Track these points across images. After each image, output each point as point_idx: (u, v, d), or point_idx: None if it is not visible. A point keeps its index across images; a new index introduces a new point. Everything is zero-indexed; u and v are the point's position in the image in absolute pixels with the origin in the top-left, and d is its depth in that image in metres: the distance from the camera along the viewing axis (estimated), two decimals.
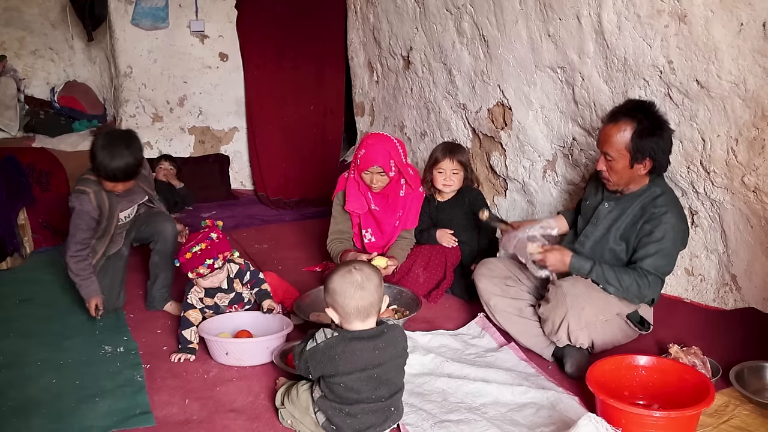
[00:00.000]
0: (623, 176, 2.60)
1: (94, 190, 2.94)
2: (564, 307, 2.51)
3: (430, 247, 3.40)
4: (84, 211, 2.92)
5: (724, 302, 2.96)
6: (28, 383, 2.51)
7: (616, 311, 2.62)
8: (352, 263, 2.13)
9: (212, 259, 2.70)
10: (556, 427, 2.16)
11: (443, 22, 4.19)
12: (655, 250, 2.53)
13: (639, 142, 2.50)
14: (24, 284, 3.57)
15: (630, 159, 2.53)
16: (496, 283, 2.86)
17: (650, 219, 2.56)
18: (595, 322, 2.56)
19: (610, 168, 2.59)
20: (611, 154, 2.55)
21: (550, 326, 2.57)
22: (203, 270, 2.71)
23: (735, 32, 2.48)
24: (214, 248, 2.72)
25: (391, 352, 2.08)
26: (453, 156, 3.40)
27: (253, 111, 5.66)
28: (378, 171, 3.26)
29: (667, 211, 2.55)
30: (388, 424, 2.09)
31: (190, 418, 2.27)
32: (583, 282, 2.58)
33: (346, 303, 2.04)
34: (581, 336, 2.54)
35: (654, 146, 2.52)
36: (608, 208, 2.71)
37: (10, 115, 5.70)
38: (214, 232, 2.77)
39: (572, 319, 2.50)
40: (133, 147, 2.90)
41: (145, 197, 3.19)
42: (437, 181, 3.44)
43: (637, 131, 2.50)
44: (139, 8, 5.28)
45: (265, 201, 5.49)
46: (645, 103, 2.61)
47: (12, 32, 6.05)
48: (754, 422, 2.19)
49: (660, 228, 2.53)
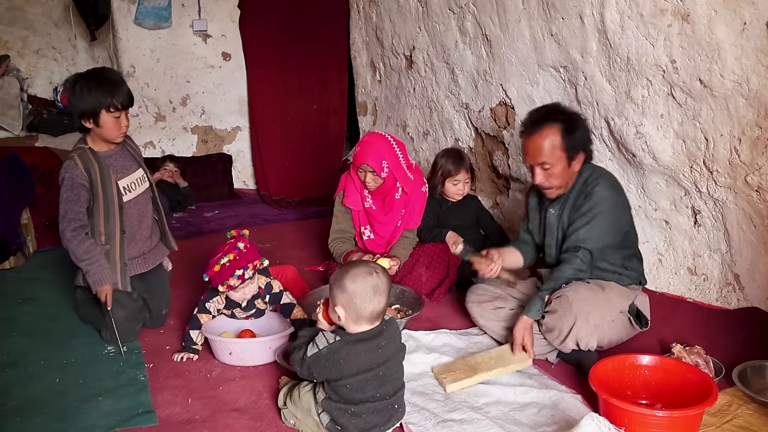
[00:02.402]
0: (564, 178, 2.63)
1: (78, 154, 2.75)
2: (572, 315, 2.49)
3: (432, 245, 3.41)
4: (71, 177, 2.71)
5: (727, 302, 2.96)
6: (31, 382, 2.52)
7: (620, 309, 2.62)
8: (369, 264, 2.07)
9: (242, 269, 2.58)
10: (559, 427, 2.16)
11: (446, 21, 4.19)
12: (583, 222, 2.59)
13: (570, 139, 2.56)
14: (27, 283, 3.58)
15: (566, 158, 2.58)
16: (486, 308, 2.88)
17: (583, 198, 2.63)
18: (602, 324, 2.56)
19: (550, 175, 2.61)
20: (548, 161, 2.58)
21: (557, 335, 2.55)
22: (234, 282, 2.59)
23: (738, 31, 2.47)
24: (243, 258, 2.60)
25: (393, 348, 2.09)
26: (463, 166, 3.53)
27: (255, 110, 5.66)
28: (369, 170, 3.26)
29: (597, 185, 2.60)
30: (392, 423, 2.10)
31: (192, 418, 2.27)
32: (584, 286, 2.59)
33: (364, 307, 2.00)
34: (591, 340, 2.54)
35: (582, 137, 2.60)
36: (554, 213, 2.76)
37: (13, 114, 5.70)
38: (242, 242, 2.65)
39: (581, 325, 2.49)
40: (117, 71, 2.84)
41: (139, 169, 2.93)
42: (450, 190, 3.55)
43: (564, 130, 2.56)
44: (142, 8, 5.29)
45: (268, 200, 5.49)
46: (554, 105, 2.73)
47: (15, 32, 6.05)
48: (757, 422, 2.19)
49: (588, 202, 2.60)
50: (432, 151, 4.61)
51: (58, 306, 3.25)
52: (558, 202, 2.73)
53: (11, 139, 5.61)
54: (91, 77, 2.72)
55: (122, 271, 2.82)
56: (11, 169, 3.97)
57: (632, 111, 3.01)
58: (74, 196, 2.72)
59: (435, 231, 3.48)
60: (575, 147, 2.58)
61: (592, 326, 2.52)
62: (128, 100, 2.75)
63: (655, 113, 2.93)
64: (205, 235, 4.51)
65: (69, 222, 2.72)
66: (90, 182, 2.75)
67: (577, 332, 2.50)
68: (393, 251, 3.36)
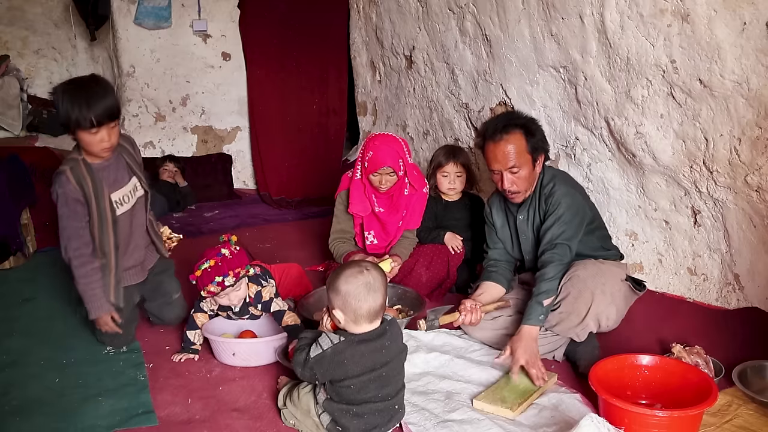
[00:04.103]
0: (530, 180, 2.71)
1: (70, 167, 2.61)
2: (588, 292, 2.55)
3: (432, 246, 3.41)
4: (64, 193, 2.59)
5: (727, 302, 2.96)
6: (31, 382, 2.52)
7: (621, 278, 2.70)
8: (360, 263, 2.08)
9: (222, 276, 2.55)
10: (559, 427, 2.16)
11: (446, 21, 4.19)
12: (553, 221, 2.66)
13: (533, 141, 2.66)
14: (27, 283, 3.58)
15: (531, 160, 2.67)
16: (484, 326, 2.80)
17: (546, 197, 2.71)
18: (615, 292, 2.62)
19: (518, 179, 2.67)
20: (516, 165, 2.64)
21: (575, 319, 2.55)
22: (213, 288, 2.57)
23: (738, 31, 2.47)
24: (225, 265, 2.57)
25: (396, 348, 2.09)
26: (455, 159, 3.49)
27: (255, 110, 5.66)
28: (388, 172, 3.27)
29: (553, 185, 2.71)
30: (393, 423, 2.10)
31: (192, 418, 2.27)
32: (589, 262, 2.67)
33: (359, 306, 2.00)
34: (611, 311, 2.59)
35: (541, 139, 2.72)
36: (523, 218, 2.81)
37: (13, 114, 5.70)
38: (226, 248, 2.62)
39: (600, 299, 2.55)
40: (102, 81, 2.61)
41: (132, 178, 2.79)
42: (442, 184, 3.51)
43: (525, 134, 2.65)
44: (142, 8, 5.29)
45: (268, 200, 5.49)
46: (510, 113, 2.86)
47: (15, 32, 6.06)
48: (757, 422, 2.19)
49: (552, 202, 2.68)
50: (432, 151, 4.58)
51: (58, 306, 3.25)
52: (524, 207, 2.79)
53: (11, 139, 5.62)
54: (68, 90, 2.54)
55: (116, 287, 2.71)
56: (11, 169, 3.97)
57: (632, 111, 3.01)
58: (70, 211, 2.62)
59: (434, 233, 3.47)
60: (537, 149, 2.68)
61: (609, 296, 2.58)
62: (106, 115, 2.52)
63: (655, 113, 2.93)
64: (204, 235, 4.51)
65: (68, 239, 2.64)
66: (84, 196, 2.63)
67: (596, 308, 2.54)
68: (393, 251, 3.36)
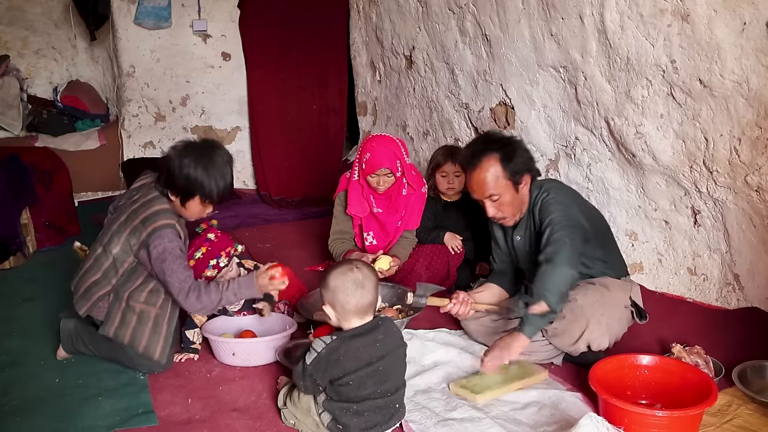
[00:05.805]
0: (515, 204, 2.61)
1: (176, 220, 2.53)
2: (584, 319, 2.47)
3: (432, 246, 3.40)
4: (175, 247, 2.47)
5: (727, 302, 2.96)
6: (31, 382, 2.52)
7: (624, 305, 2.63)
8: (352, 261, 2.14)
9: (215, 259, 2.67)
10: (559, 426, 2.16)
11: (446, 21, 4.19)
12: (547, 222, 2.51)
13: (511, 165, 2.54)
14: (27, 283, 3.58)
15: (513, 185, 2.56)
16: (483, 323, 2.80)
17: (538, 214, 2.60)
18: (612, 323, 2.55)
19: (501, 205, 2.59)
20: (495, 193, 2.55)
21: (568, 340, 2.52)
22: (211, 272, 2.67)
23: (738, 31, 2.47)
24: (215, 248, 2.69)
25: (391, 343, 2.11)
26: (454, 159, 3.45)
27: (255, 110, 5.66)
28: (385, 173, 3.27)
29: (547, 193, 2.59)
30: (393, 422, 2.10)
31: (192, 418, 2.27)
32: (592, 288, 2.58)
33: (347, 301, 2.06)
34: (603, 341, 2.51)
35: (523, 160, 2.58)
36: (520, 239, 2.74)
37: (13, 114, 5.70)
38: (211, 233, 2.73)
39: (594, 328, 2.47)
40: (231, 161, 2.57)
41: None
42: (441, 184, 3.50)
43: (502, 158, 2.53)
44: (141, 8, 5.28)
45: (268, 200, 5.49)
46: (486, 136, 2.75)
47: (15, 32, 6.06)
48: (757, 422, 2.19)
49: (547, 209, 2.55)
50: (432, 151, 4.59)
51: (58, 306, 3.25)
52: (520, 228, 2.72)
53: (11, 139, 5.61)
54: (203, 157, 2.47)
55: (166, 339, 2.58)
56: (11, 169, 3.97)
57: (632, 111, 3.02)
58: (182, 262, 2.49)
59: (433, 233, 3.47)
60: (518, 172, 2.55)
61: (605, 327, 2.51)
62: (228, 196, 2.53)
63: (655, 113, 2.93)
64: None
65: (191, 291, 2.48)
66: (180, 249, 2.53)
67: (589, 335, 2.48)
68: (392, 251, 3.36)
